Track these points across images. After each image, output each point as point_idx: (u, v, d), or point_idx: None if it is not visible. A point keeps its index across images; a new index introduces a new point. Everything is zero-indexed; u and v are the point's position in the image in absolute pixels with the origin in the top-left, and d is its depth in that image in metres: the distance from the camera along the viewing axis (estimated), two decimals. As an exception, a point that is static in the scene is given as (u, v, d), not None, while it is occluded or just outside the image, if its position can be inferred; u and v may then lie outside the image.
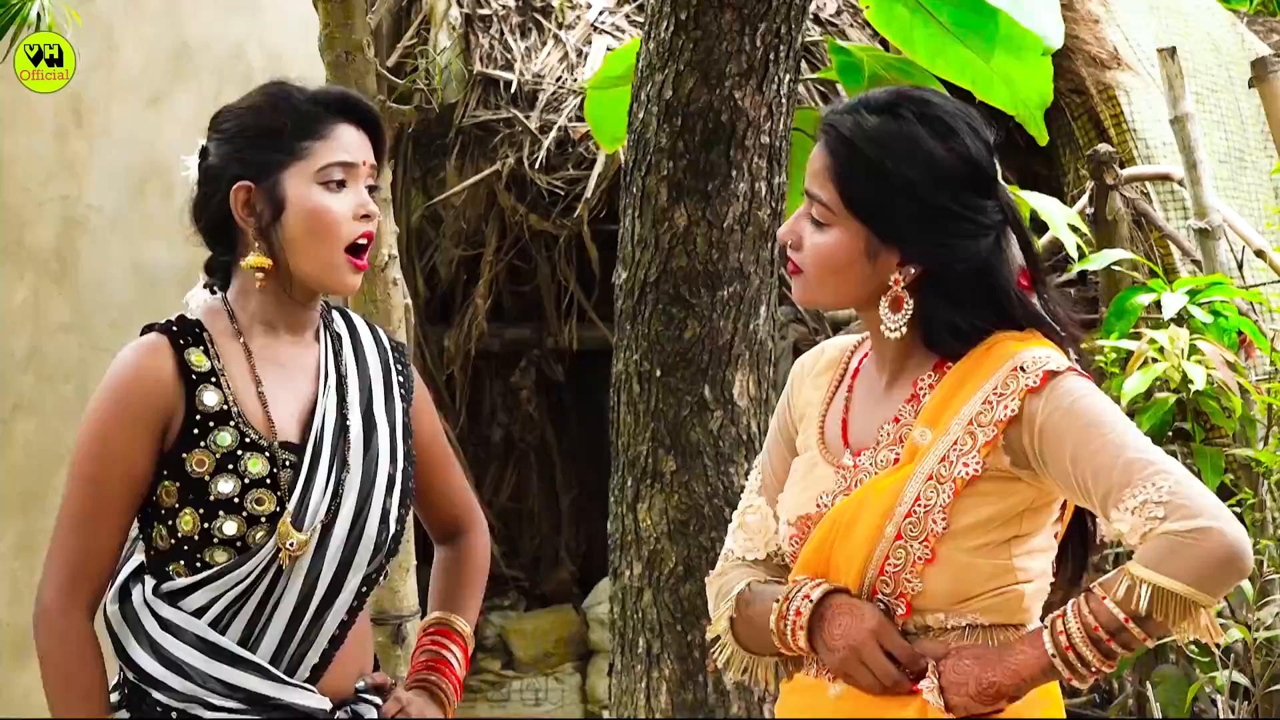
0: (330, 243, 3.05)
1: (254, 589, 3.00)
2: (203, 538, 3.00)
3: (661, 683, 4.43)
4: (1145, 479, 2.68)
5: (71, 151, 7.11)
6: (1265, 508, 6.16)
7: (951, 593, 2.83)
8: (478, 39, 8.08)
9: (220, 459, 3.00)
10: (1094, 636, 2.70)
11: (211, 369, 3.05)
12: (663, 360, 4.43)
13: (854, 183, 2.85)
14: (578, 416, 9.14)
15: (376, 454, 3.11)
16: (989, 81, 4.86)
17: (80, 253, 7.12)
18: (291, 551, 2.99)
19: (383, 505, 3.08)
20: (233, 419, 3.03)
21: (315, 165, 3.05)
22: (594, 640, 8.53)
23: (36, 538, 6.89)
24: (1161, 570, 2.66)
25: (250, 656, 2.99)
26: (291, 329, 3.13)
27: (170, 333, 3.07)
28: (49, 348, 7.00)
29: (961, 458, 2.80)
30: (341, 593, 3.05)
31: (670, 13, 4.36)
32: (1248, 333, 6.20)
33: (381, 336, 3.27)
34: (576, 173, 7.83)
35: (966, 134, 2.87)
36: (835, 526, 2.89)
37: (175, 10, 7.46)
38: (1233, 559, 2.65)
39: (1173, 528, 2.65)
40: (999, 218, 2.87)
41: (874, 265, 2.87)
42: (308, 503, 3.01)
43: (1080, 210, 7.00)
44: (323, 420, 3.07)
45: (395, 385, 3.21)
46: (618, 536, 4.51)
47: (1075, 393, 2.77)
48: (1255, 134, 8.56)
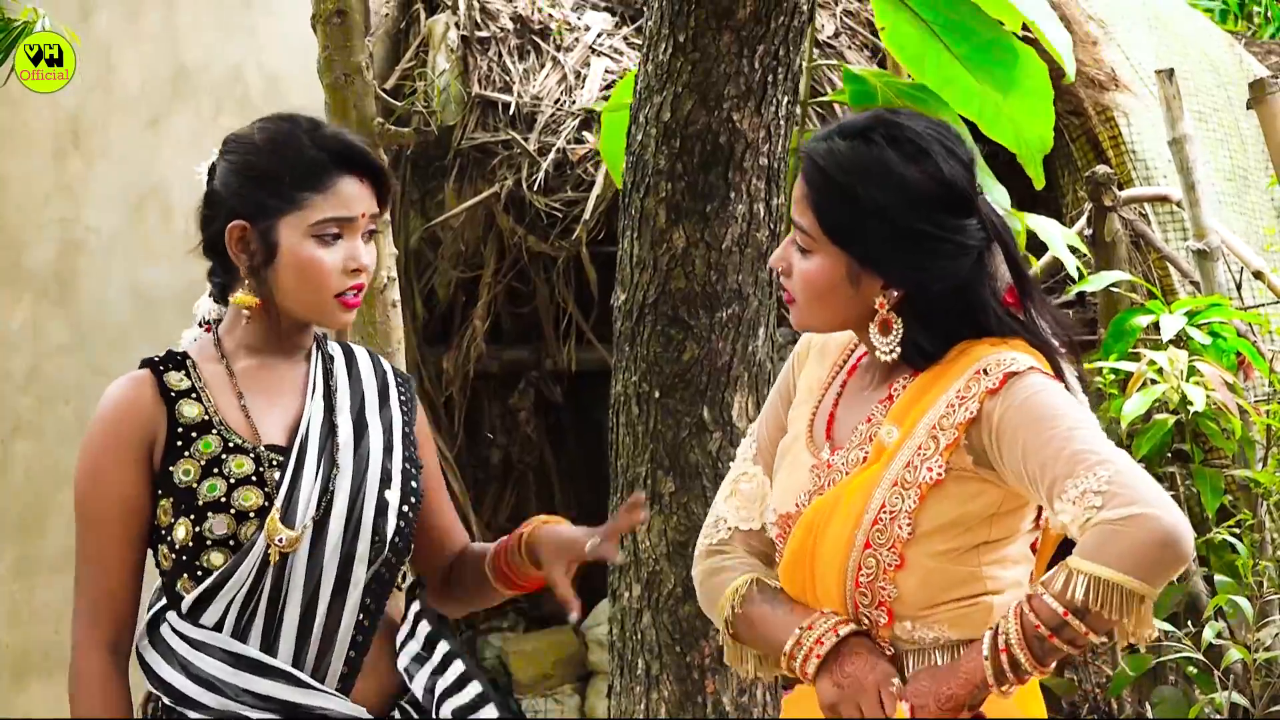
0: (317, 293, 3.10)
1: (258, 590, 3.02)
2: (197, 542, 3.02)
3: (661, 704, 4.42)
4: (1087, 469, 2.68)
5: (70, 173, 7.11)
6: (1264, 528, 6.16)
7: (918, 598, 2.84)
8: (476, 61, 8.08)
9: (206, 464, 3.04)
10: (1036, 635, 2.69)
11: (191, 386, 3.10)
12: (661, 382, 4.43)
13: (829, 209, 2.88)
14: (576, 438, 9.13)
15: (368, 452, 3.12)
16: (995, 117, 4.87)
17: (79, 274, 7.12)
18: (281, 547, 3.01)
19: (378, 499, 3.09)
20: (215, 427, 3.07)
21: (311, 219, 3.08)
22: (593, 661, 8.51)
23: (35, 559, 6.89)
24: (1097, 559, 2.66)
25: (274, 662, 3.01)
26: (279, 353, 3.17)
27: (152, 364, 3.14)
28: (48, 369, 7.01)
29: (925, 462, 2.82)
30: (349, 590, 3.06)
31: (669, 35, 4.36)
32: (1246, 354, 6.20)
33: (384, 363, 3.29)
34: (575, 194, 7.83)
35: (940, 155, 2.87)
36: (810, 531, 2.91)
37: (174, 32, 7.47)
38: (1167, 543, 2.64)
39: (1108, 516, 2.65)
40: (980, 235, 2.88)
41: (857, 290, 2.90)
42: (296, 499, 3.03)
43: (1079, 231, 7.00)
44: (308, 423, 3.10)
45: (394, 400, 3.22)
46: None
47: (1030, 389, 2.78)
48: (1256, 154, 8.57)
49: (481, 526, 8.74)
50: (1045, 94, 4.93)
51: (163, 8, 7.44)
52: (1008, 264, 2.92)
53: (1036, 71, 4.93)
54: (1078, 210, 7.69)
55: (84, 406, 7.07)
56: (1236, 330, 6.23)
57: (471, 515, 8.58)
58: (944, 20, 4.77)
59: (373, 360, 3.28)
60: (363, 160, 3.13)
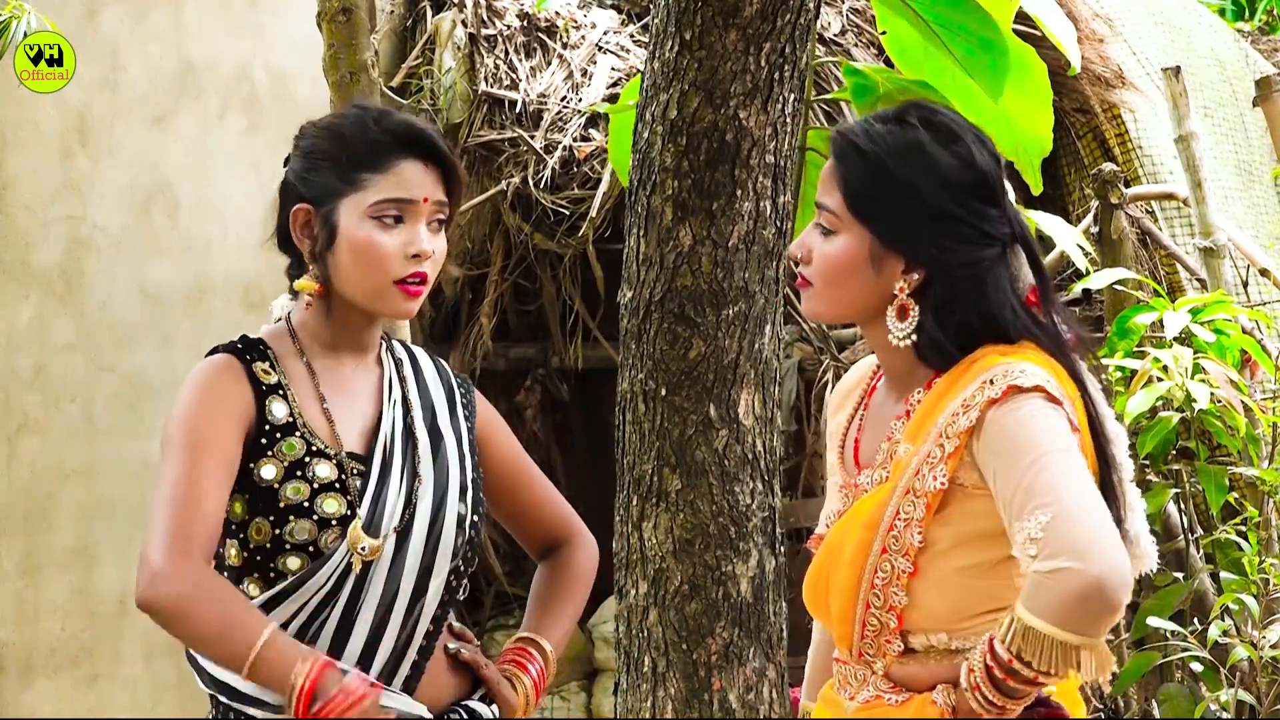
0: (376, 277, 3.04)
1: (335, 597, 2.99)
2: (275, 545, 2.99)
3: (667, 701, 4.43)
4: (1029, 513, 2.67)
5: (76, 171, 7.12)
6: (1270, 525, 6.16)
7: (950, 613, 2.84)
8: (482, 59, 8.09)
9: (289, 466, 3.01)
10: (991, 677, 2.70)
11: (279, 382, 3.06)
12: (668, 379, 4.43)
13: (858, 186, 2.89)
14: (583, 435, 9.13)
15: (446, 463, 3.11)
16: (993, 122, 4.87)
17: (85, 272, 7.12)
18: (364, 556, 2.99)
19: (458, 511, 3.09)
20: (299, 429, 3.04)
21: (369, 199, 3.04)
22: (599, 659, 8.52)
23: (41, 557, 6.90)
24: (1029, 609, 2.65)
25: (339, 665, 2.95)
26: (352, 350, 3.13)
27: (235, 350, 3.08)
28: (54, 367, 7.01)
29: (931, 470, 2.82)
30: (425, 598, 3.05)
31: (675, 33, 4.36)
32: (1250, 351, 6.20)
33: (442, 364, 3.27)
34: (581, 192, 7.84)
35: (973, 143, 2.90)
36: (830, 547, 2.92)
37: (180, 30, 7.47)
38: (1088, 598, 2.60)
39: (1038, 567, 2.64)
40: (1005, 231, 2.88)
41: (879, 272, 2.90)
42: (380, 509, 3.02)
43: (1085, 229, 7.00)
44: (391, 430, 3.08)
45: (459, 405, 3.21)
46: (623, 555, 4.51)
47: (1022, 411, 2.76)
48: (1261, 149, 8.58)
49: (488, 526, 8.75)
50: (1045, 96, 4.92)
51: (169, 6, 7.45)
52: (1030, 266, 2.92)
53: (1036, 73, 4.92)
54: (1084, 208, 7.70)
55: (90, 404, 7.08)
56: (1242, 327, 6.23)
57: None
58: (942, 19, 4.76)
59: (435, 365, 3.26)
60: (427, 144, 3.08)
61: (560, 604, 3.33)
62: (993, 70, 4.70)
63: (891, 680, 2.90)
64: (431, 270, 3.08)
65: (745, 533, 4.40)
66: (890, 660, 2.89)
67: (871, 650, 2.90)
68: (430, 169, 3.08)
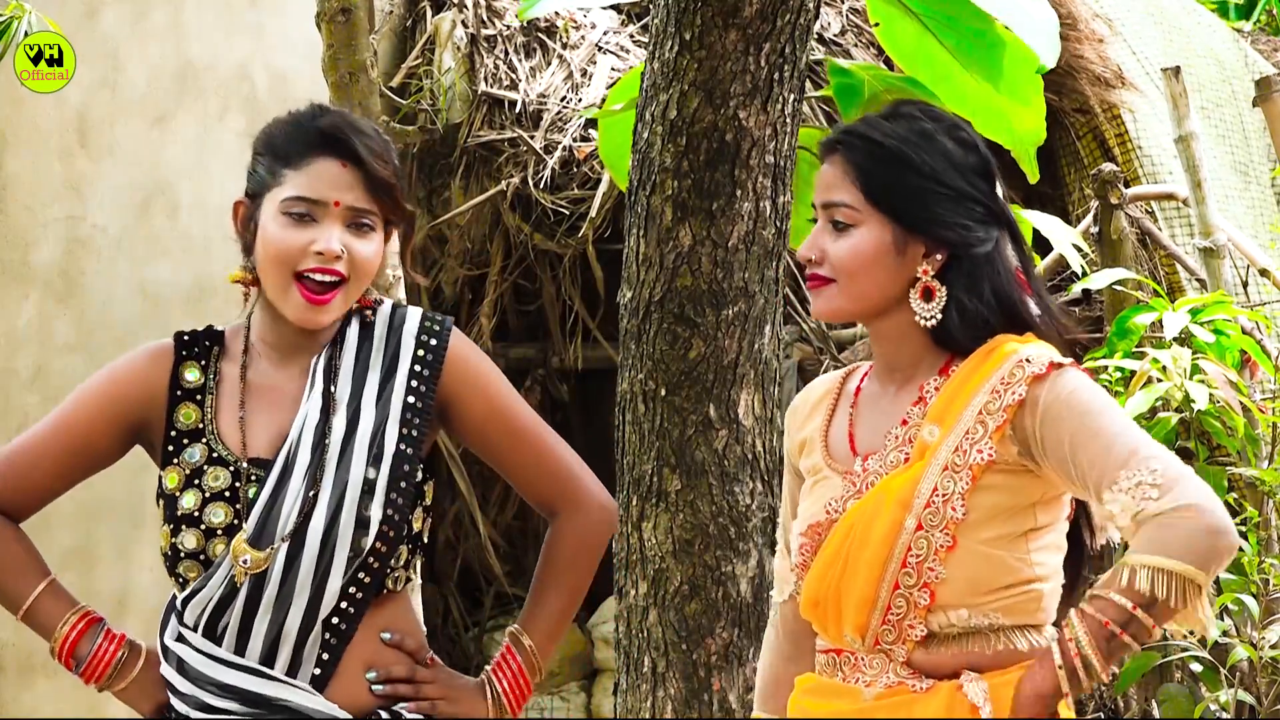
0: (275, 273, 3.03)
1: (230, 602, 3.01)
2: (173, 552, 3.04)
3: (667, 701, 4.43)
4: (1140, 462, 2.78)
5: (76, 171, 7.12)
6: (1270, 526, 6.16)
7: (972, 587, 2.87)
8: (482, 59, 8.09)
9: (189, 475, 3.04)
10: (1105, 634, 2.76)
11: (202, 385, 3.09)
12: (668, 379, 4.43)
13: (877, 177, 2.96)
14: (583, 435, 9.13)
15: (351, 461, 3.04)
16: (988, 113, 4.86)
17: (85, 272, 7.13)
18: (246, 568, 2.99)
19: (357, 514, 3.01)
20: (204, 436, 3.06)
21: (282, 195, 3.03)
22: (599, 659, 8.52)
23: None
24: (1156, 551, 2.74)
25: (241, 661, 3.00)
26: (289, 350, 3.11)
27: (179, 344, 3.12)
28: (54, 367, 7.01)
29: (975, 445, 2.88)
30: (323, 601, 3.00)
31: (675, 33, 4.37)
32: (1250, 351, 6.20)
33: (425, 321, 3.17)
34: (581, 192, 7.84)
35: (967, 129, 3.02)
36: (852, 530, 2.92)
37: (180, 31, 7.47)
38: (1218, 532, 2.74)
39: (1162, 507, 2.74)
40: (1003, 211, 3.00)
41: (902, 258, 2.96)
42: (272, 517, 3.00)
43: (1085, 229, 7.00)
44: (299, 435, 3.04)
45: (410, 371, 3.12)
46: (623, 555, 4.51)
47: (1075, 384, 2.87)
48: (1260, 148, 8.58)
49: (488, 525, 8.75)
50: (1035, 84, 4.91)
51: (169, 6, 7.45)
52: (1016, 251, 3.00)
53: (1026, 62, 4.90)
54: (1084, 208, 7.69)
55: (90, 404, 7.07)
56: (1241, 328, 6.23)
57: (477, 513, 8.59)
58: (932, 11, 4.77)
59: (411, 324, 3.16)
60: (346, 146, 3.03)
61: (544, 587, 3.21)
62: (985, 61, 4.71)
63: (912, 666, 2.91)
64: (353, 276, 3.04)
65: (745, 533, 4.41)
66: (911, 646, 2.90)
67: (891, 636, 2.91)
68: (350, 171, 3.03)
